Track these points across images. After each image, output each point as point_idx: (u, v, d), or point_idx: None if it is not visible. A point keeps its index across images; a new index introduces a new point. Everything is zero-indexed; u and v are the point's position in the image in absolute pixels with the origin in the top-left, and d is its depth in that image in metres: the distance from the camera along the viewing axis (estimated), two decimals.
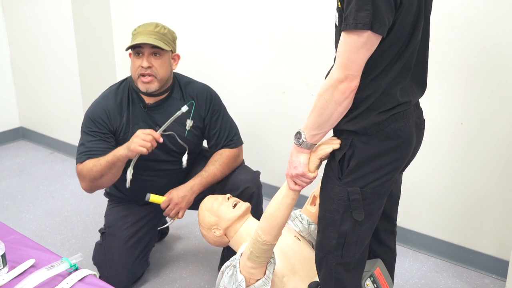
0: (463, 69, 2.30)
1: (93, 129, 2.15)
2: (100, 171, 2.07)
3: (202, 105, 2.26)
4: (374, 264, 1.75)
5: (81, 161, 2.12)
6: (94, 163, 2.08)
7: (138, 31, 2.13)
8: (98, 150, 2.11)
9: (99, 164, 2.07)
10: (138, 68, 2.11)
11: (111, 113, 2.17)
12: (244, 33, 2.95)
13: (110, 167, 2.06)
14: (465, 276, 2.44)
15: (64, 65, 3.58)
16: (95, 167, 2.08)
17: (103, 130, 2.16)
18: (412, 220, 2.60)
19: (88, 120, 2.17)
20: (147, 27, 2.12)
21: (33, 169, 3.60)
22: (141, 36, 2.09)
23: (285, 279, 1.83)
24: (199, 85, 2.31)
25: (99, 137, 2.15)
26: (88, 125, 2.17)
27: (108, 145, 2.14)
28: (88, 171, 2.09)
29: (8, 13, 3.81)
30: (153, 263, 2.49)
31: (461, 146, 2.39)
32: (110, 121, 2.16)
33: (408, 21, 1.39)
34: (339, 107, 1.39)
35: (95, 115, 2.16)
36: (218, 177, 2.24)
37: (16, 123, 4.10)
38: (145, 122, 2.19)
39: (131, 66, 2.16)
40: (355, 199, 1.48)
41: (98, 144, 2.13)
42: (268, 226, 1.63)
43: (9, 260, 1.56)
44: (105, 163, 2.06)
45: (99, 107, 2.18)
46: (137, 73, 2.12)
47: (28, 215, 2.98)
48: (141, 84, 2.13)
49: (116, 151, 2.06)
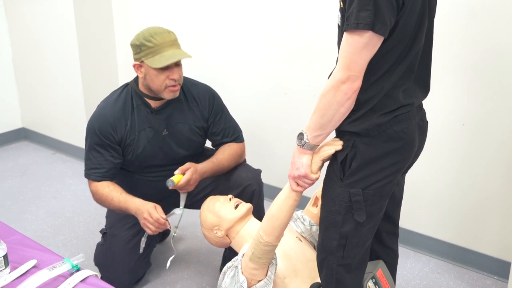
0: (465, 70, 2.30)
1: (100, 144, 2.15)
2: (111, 207, 2.19)
3: (205, 105, 2.26)
4: (376, 265, 1.75)
5: (94, 179, 2.18)
6: (107, 196, 2.15)
7: (157, 43, 2.05)
8: (107, 168, 2.17)
9: (112, 203, 2.15)
10: (166, 80, 2.09)
11: (116, 124, 2.16)
12: (246, 34, 2.95)
13: (119, 210, 2.16)
14: (467, 277, 2.44)
15: (66, 66, 3.59)
16: (107, 200, 2.16)
17: (110, 144, 2.16)
18: (414, 221, 2.60)
19: (94, 132, 2.16)
20: (164, 37, 2.07)
21: (35, 169, 3.60)
22: (166, 49, 2.05)
23: (286, 280, 1.83)
24: (201, 85, 2.32)
25: (107, 152, 2.16)
26: (94, 138, 2.16)
27: (115, 159, 2.18)
28: (100, 196, 2.17)
29: (10, 14, 3.82)
30: (154, 263, 2.49)
31: (463, 147, 2.38)
32: (115, 132, 2.16)
33: (411, 23, 1.39)
34: (341, 108, 1.39)
35: (101, 128, 2.15)
36: (225, 167, 2.25)
37: (18, 123, 4.11)
38: (152, 127, 2.19)
39: (153, 79, 2.09)
40: (356, 200, 1.48)
41: (106, 161, 2.16)
42: (270, 227, 1.63)
43: (11, 261, 1.56)
44: (117, 205, 2.14)
45: (104, 119, 2.16)
46: (165, 85, 2.10)
47: (30, 216, 2.98)
48: (169, 93, 2.12)
49: (129, 205, 2.11)
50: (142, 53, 2.08)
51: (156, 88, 2.12)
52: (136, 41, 2.10)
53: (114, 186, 2.17)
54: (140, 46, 2.08)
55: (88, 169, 2.20)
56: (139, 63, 2.11)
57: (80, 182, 3.36)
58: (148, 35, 2.07)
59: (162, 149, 2.22)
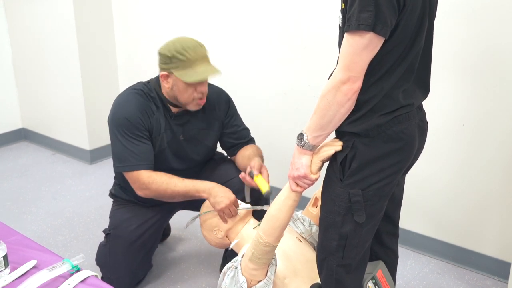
0: (465, 70, 2.30)
1: (134, 132, 2.09)
2: (174, 193, 2.08)
3: (222, 109, 2.29)
4: (376, 266, 1.75)
5: (146, 168, 2.09)
6: (169, 182, 2.07)
7: (190, 57, 2.02)
8: (150, 155, 2.11)
9: (176, 188, 2.07)
10: (194, 93, 2.08)
11: (146, 111, 2.12)
12: (246, 35, 2.95)
13: (185, 195, 2.09)
14: (467, 278, 2.44)
15: (66, 67, 3.59)
16: (170, 187, 2.07)
17: (143, 131, 2.11)
18: (414, 221, 2.60)
19: (125, 121, 2.09)
20: (197, 51, 2.05)
21: (35, 170, 3.60)
22: (200, 65, 2.04)
23: (286, 280, 1.83)
24: (215, 88, 2.32)
25: (143, 139, 2.11)
26: (127, 127, 2.09)
27: (151, 147, 2.13)
28: (159, 185, 2.07)
29: (10, 14, 3.82)
30: (155, 264, 2.49)
31: (463, 148, 2.38)
32: (146, 120, 2.12)
33: (411, 24, 1.39)
34: (341, 109, 1.39)
35: (131, 115, 2.09)
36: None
37: (18, 124, 4.11)
38: (171, 130, 2.19)
39: (181, 91, 2.08)
40: (356, 201, 1.48)
41: (147, 149, 2.11)
42: (270, 228, 1.63)
43: (11, 261, 1.56)
44: (183, 191, 2.07)
45: (132, 107, 2.11)
46: (194, 98, 2.10)
47: (29, 216, 2.98)
48: (196, 106, 2.13)
49: (199, 187, 2.06)
50: (173, 64, 2.05)
51: (184, 101, 2.11)
52: (167, 52, 2.05)
53: (167, 173, 2.10)
54: (171, 58, 2.04)
55: (129, 161, 2.09)
56: (167, 73, 2.08)
57: (80, 182, 3.36)
58: (181, 48, 2.03)
59: (177, 153, 2.22)
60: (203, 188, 2.06)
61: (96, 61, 3.58)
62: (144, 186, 2.09)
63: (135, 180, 2.10)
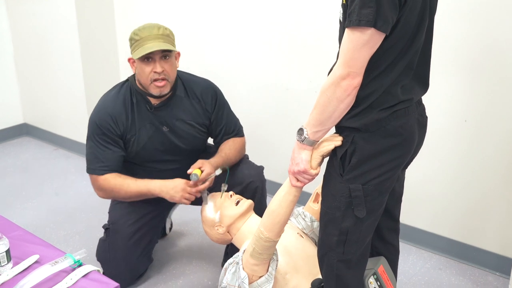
0: (466, 66, 2.30)
1: (102, 137, 2.16)
2: (128, 194, 2.15)
3: (207, 101, 2.27)
4: (377, 262, 1.75)
5: (100, 174, 2.17)
6: (122, 184, 2.14)
7: (142, 36, 2.07)
8: (113, 161, 2.17)
9: (129, 189, 2.14)
10: (151, 74, 2.09)
11: (117, 117, 2.16)
12: (247, 31, 2.95)
13: (138, 196, 2.15)
14: (468, 273, 2.44)
15: (68, 62, 3.59)
16: (123, 188, 2.14)
17: (112, 137, 2.16)
18: (416, 217, 2.60)
19: (95, 127, 2.17)
20: (151, 30, 2.08)
21: (37, 165, 3.61)
22: (149, 42, 2.06)
23: (288, 276, 1.83)
24: (202, 81, 2.32)
25: (110, 145, 2.16)
26: (97, 132, 2.16)
27: (119, 152, 2.18)
28: (112, 187, 2.15)
29: (12, 10, 3.82)
30: (156, 259, 2.50)
31: (465, 144, 2.38)
32: (117, 125, 2.16)
33: (412, 20, 1.39)
34: (341, 104, 1.39)
35: (102, 121, 2.16)
36: (232, 162, 2.27)
37: (19, 119, 4.11)
38: (152, 123, 2.20)
39: (140, 73, 2.12)
40: (356, 196, 1.48)
41: (111, 155, 2.17)
42: (271, 223, 1.63)
43: (13, 256, 1.57)
44: (135, 192, 2.14)
45: (105, 112, 2.17)
46: (150, 79, 2.10)
47: (31, 212, 2.99)
48: (154, 89, 2.12)
49: (150, 187, 2.13)
50: (132, 47, 2.11)
51: (144, 83, 2.13)
52: (129, 37, 2.14)
53: (123, 175, 2.17)
54: (130, 40, 2.12)
55: (91, 165, 2.19)
56: (132, 58, 2.14)
57: (82, 178, 3.36)
58: (137, 30, 2.11)
59: (164, 144, 2.23)
60: (153, 187, 2.13)
61: (97, 57, 3.58)
62: (100, 188, 2.19)
63: (93, 182, 2.22)
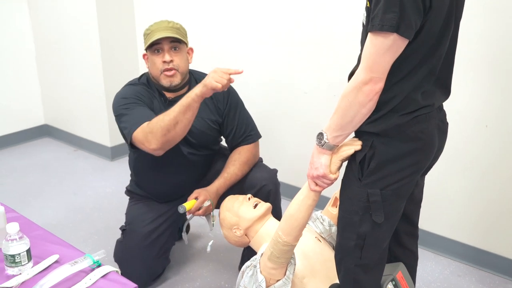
0: (487, 70, 2.27)
1: (132, 104, 2.11)
2: (174, 118, 1.95)
3: (220, 99, 2.28)
4: (396, 267, 1.73)
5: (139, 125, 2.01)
6: (164, 115, 1.97)
7: (152, 29, 2.15)
8: (152, 115, 2.05)
9: (172, 111, 1.96)
10: (160, 64, 2.14)
11: (143, 95, 2.18)
12: (267, 34, 2.95)
13: (184, 111, 1.95)
14: (488, 281, 2.40)
15: (88, 63, 3.63)
16: (167, 116, 1.96)
17: (141, 102, 2.14)
18: (435, 223, 2.57)
19: (121, 100, 2.14)
20: (160, 24, 2.15)
21: (57, 166, 3.65)
22: (157, 33, 2.12)
23: (305, 280, 1.82)
24: None
25: (142, 105, 2.12)
26: (124, 102, 2.12)
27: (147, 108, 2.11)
28: (159, 123, 1.96)
29: (34, 11, 3.87)
30: (173, 261, 2.51)
31: (486, 149, 2.35)
32: (145, 98, 2.17)
33: (436, 26, 1.37)
34: (362, 109, 1.38)
35: (127, 94, 2.16)
36: (239, 177, 2.26)
37: (40, 120, 4.17)
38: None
39: (151, 65, 2.18)
40: (374, 200, 1.47)
41: (147, 111, 2.09)
42: (289, 227, 1.63)
43: (34, 256, 1.58)
44: (179, 108, 1.95)
45: (129, 90, 2.19)
46: (160, 69, 2.14)
47: (51, 211, 3.02)
48: (164, 79, 2.15)
49: (189, 93, 1.97)
50: (144, 42, 2.17)
51: (155, 74, 2.17)
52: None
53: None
54: (143, 36, 2.18)
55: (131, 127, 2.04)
56: (145, 53, 2.20)
57: (101, 178, 3.40)
58: (149, 25, 2.18)
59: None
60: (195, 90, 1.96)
61: (118, 58, 3.62)
62: (148, 137, 1.98)
63: (141, 137, 2.00)
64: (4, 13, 3.79)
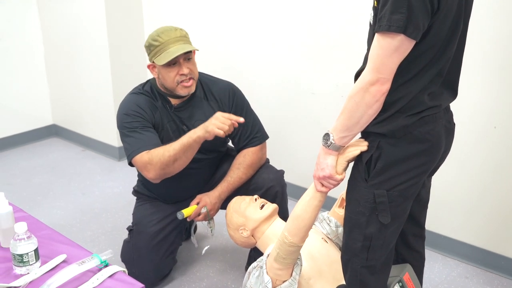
0: (495, 70, 2.25)
1: (135, 124, 2.14)
2: (174, 156, 2.03)
3: (225, 102, 2.28)
4: (403, 269, 1.73)
5: (139, 152, 2.08)
6: (165, 150, 2.04)
7: (162, 41, 2.09)
8: (153, 141, 2.10)
9: (172, 149, 2.03)
10: (177, 76, 2.12)
11: (144, 108, 2.18)
12: (274, 33, 2.95)
13: (185, 150, 2.03)
14: (496, 282, 2.39)
15: (97, 64, 3.65)
16: (168, 152, 2.03)
17: (144, 122, 2.15)
18: (443, 224, 2.56)
19: (124, 117, 2.16)
20: (170, 34, 2.10)
21: (65, 166, 3.67)
22: (171, 45, 2.08)
23: (311, 281, 1.82)
24: (221, 82, 2.33)
25: (145, 129, 2.14)
26: (127, 120, 2.15)
27: (153, 133, 2.14)
28: (159, 157, 2.04)
29: (43, 11, 3.89)
30: (180, 261, 2.52)
31: (494, 151, 2.34)
32: (146, 113, 2.17)
33: (445, 28, 1.36)
34: (369, 110, 1.38)
35: (129, 111, 2.16)
36: (243, 180, 2.26)
37: (49, 120, 4.19)
38: (173, 121, 2.21)
39: (165, 77, 2.13)
40: (381, 201, 1.47)
41: (149, 135, 2.12)
42: (295, 228, 1.63)
43: (42, 255, 1.60)
44: (179, 147, 2.02)
45: (131, 103, 2.20)
46: (177, 81, 2.12)
47: (59, 211, 3.04)
48: (182, 89, 2.14)
49: (191, 133, 2.03)
50: (152, 53, 2.13)
51: (170, 86, 2.15)
52: (146, 43, 2.15)
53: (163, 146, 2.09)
54: (149, 47, 2.13)
55: (132, 151, 2.10)
56: (152, 64, 2.16)
57: (109, 178, 3.41)
58: (155, 35, 2.12)
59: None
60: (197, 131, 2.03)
61: (126, 59, 3.63)
62: (148, 167, 2.06)
63: (139, 165, 2.09)
64: (14, 15, 3.81)
